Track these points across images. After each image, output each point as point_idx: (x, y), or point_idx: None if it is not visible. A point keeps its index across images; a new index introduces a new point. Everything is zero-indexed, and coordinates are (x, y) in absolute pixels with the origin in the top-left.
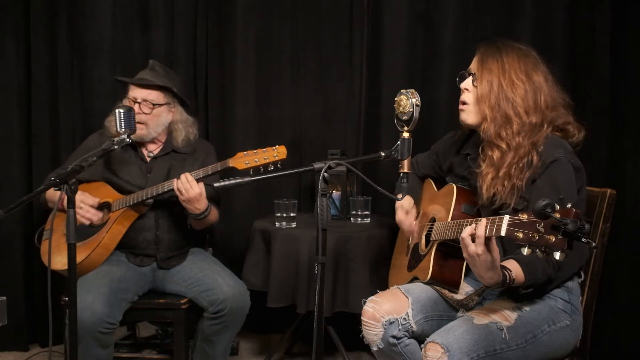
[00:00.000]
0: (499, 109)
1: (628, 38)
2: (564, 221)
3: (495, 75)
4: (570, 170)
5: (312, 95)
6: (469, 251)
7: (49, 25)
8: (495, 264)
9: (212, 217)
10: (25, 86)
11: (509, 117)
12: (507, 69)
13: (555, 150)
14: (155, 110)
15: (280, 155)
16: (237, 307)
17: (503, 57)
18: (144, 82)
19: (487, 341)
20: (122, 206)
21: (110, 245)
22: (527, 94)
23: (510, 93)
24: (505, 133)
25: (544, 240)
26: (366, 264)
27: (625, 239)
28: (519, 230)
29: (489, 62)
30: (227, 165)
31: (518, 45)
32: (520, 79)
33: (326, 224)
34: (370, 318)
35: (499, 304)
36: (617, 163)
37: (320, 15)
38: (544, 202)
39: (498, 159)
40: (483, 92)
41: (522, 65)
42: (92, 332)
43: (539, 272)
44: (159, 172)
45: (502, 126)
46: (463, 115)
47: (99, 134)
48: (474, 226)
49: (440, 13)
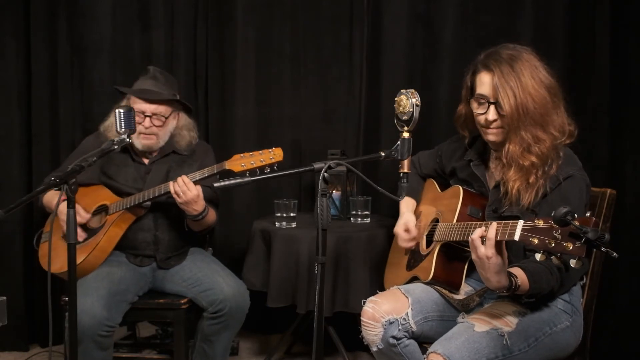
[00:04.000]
0: (526, 132)
1: (628, 38)
2: (584, 229)
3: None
4: (583, 188)
5: (312, 95)
6: (478, 253)
7: (49, 25)
8: (504, 268)
9: (210, 219)
10: (25, 86)
11: (539, 137)
12: (524, 86)
13: (569, 167)
14: (166, 122)
15: (276, 157)
16: (236, 307)
17: (519, 76)
18: (151, 95)
19: (489, 348)
20: (119, 209)
21: (107, 247)
22: (548, 104)
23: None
24: (537, 150)
25: (560, 247)
26: (366, 264)
27: (625, 239)
28: (534, 235)
29: (509, 85)
30: (224, 167)
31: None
32: (539, 92)
33: (326, 224)
34: (370, 318)
35: (500, 308)
36: (617, 163)
37: (320, 15)
38: (565, 209)
39: (529, 166)
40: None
41: (535, 75)
42: (92, 335)
43: (544, 283)
44: (157, 174)
45: (533, 145)
46: (493, 138)
47: (95, 136)
48: (485, 229)
49: (440, 13)
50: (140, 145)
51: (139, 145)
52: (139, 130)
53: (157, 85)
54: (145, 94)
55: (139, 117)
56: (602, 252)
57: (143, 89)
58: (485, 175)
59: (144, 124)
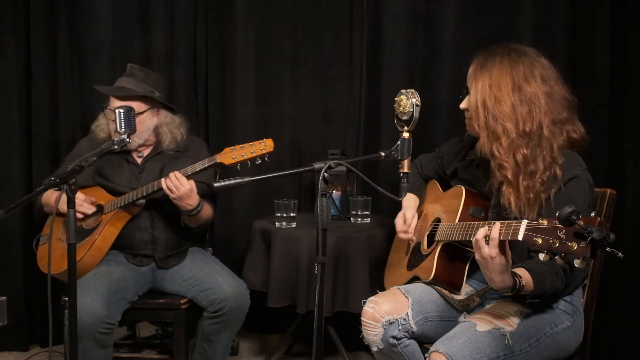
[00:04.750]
0: (486, 127)
1: (628, 38)
2: (589, 229)
3: (480, 92)
4: (587, 188)
5: (312, 95)
6: (482, 253)
7: (49, 25)
8: (508, 268)
9: (206, 214)
10: (25, 86)
11: (496, 134)
12: (492, 83)
13: (573, 168)
14: (138, 119)
15: (267, 148)
16: (236, 307)
17: (490, 71)
18: (124, 92)
19: (490, 348)
20: (113, 208)
21: (103, 247)
22: (515, 107)
23: (496, 109)
24: (497, 150)
25: (565, 247)
26: (366, 264)
27: (625, 239)
28: (538, 235)
29: (477, 78)
30: (215, 161)
31: (514, 49)
32: (506, 92)
33: (326, 224)
34: (370, 318)
35: (501, 308)
36: (617, 163)
37: (320, 15)
38: (570, 208)
39: (513, 179)
40: (473, 111)
41: (510, 78)
42: (92, 333)
43: (548, 283)
44: (150, 173)
45: (493, 143)
46: (469, 129)
47: (88, 139)
48: (488, 228)
49: (440, 13)
50: None
51: None
52: None
53: (133, 82)
54: (117, 91)
55: (112, 116)
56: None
57: (117, 87)
58: (487, 176)
59: None
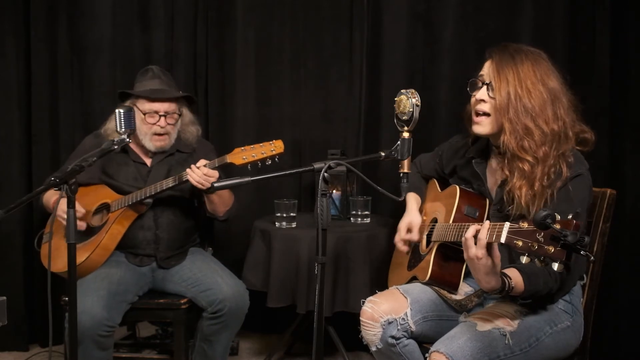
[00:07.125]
0: (518, 121)
1: (628, 38)
2: (563, 233)
3: (512, 85)
4: (590, 186)
5: (312, 96)
6: (469, 253)
7: (49, 25)
8: (495, 270)
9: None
10: (25, 86)
11: (529, 129)
12: (522, 77)
13: (578, 166)
14: (178, 119)
15: (277, 149)
16: (236, 307)
17: (518, 66)
18: (164, 94)
19: (490, 348)
20: (120, 206)
21: (110, 245)
22: (546, 103)
23: (529, 103)
24: (528, 145)
25: (543, 250)
26: (366, 264)
27: (625, 239)
28: (519, 238)
29: (504, 71)
30: (225, 161)
31: (528, 49)
32: (537, 87)
33: (326, 224)
34: (369, 318)
35: (501, 308)
36: (617, 163)
37: (320, 15)
38: (544, 212)
39: (529, 172)
40: (502, 104)
41: (537, 73)
42: (92, 336)
43: (541, 284)
44: (158, 172)
45: (524, 138)
46: (478, 128)
47: (94, 136)
48: (478, 227)
49: (440, 13)
50: (154, 147)
51: (151, 147)
52: (154, 131)
53: (164, 83)
54: (157, 93)
55: (153, 118)
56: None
57: (153, 89)
58: (486, 174)
59: (159, 123)
